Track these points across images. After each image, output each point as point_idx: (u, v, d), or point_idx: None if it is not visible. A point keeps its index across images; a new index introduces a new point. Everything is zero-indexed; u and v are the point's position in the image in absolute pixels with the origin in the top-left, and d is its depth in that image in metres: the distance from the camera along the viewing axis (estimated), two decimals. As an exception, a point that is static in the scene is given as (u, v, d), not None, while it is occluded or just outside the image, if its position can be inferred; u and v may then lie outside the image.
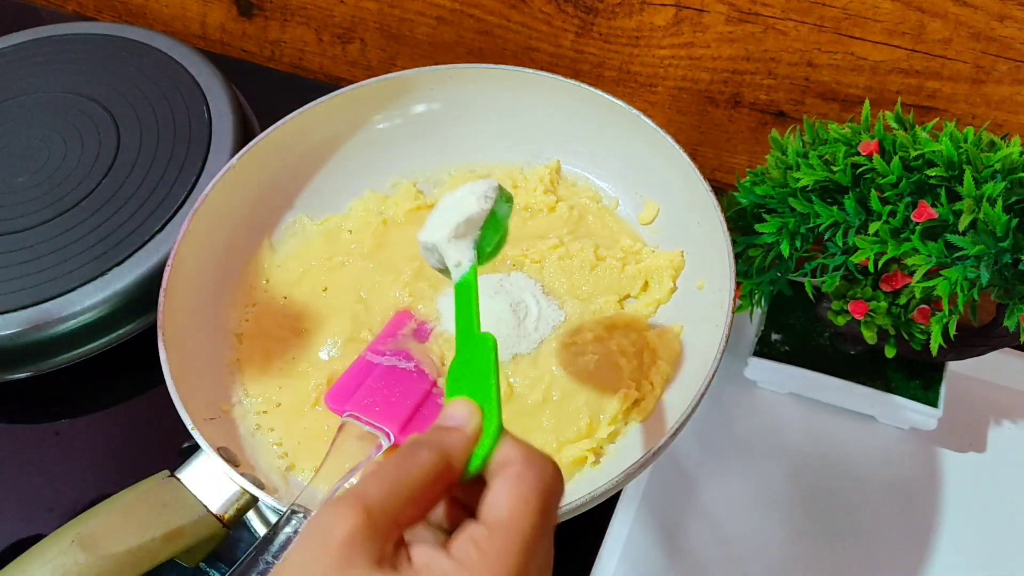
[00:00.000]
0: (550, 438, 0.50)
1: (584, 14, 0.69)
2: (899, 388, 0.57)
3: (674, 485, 0.58)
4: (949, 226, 0.47)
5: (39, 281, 0.61)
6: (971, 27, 0.58)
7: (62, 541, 0.44)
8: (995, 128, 0.62)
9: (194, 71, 0.74)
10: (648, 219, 0.59)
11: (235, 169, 0.57)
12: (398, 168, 0.63)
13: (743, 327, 0.61)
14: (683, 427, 0.44)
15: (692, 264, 0.56)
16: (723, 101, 0.70)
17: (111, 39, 0.78)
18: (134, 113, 0.71)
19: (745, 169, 0.56)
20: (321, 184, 0.62)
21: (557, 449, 0.50)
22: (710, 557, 0.55)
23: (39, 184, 0.67)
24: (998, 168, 0.46)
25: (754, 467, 0.59)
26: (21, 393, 0.63)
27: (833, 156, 0.50)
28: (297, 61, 0.86)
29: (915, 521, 0.57)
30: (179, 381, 0.48)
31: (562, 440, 0.50)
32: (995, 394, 0.61)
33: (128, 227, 0.63)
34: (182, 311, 0.52)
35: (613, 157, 0.61)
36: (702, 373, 0.46)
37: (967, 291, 0.46)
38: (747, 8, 0.63)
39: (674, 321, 0.55)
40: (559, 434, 0.50)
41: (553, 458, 0.31)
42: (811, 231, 0.51)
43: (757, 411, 0.61)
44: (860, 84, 0.64)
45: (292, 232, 0.61)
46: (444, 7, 0.74)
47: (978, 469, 0.59)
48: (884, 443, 0.59)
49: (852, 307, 0.51)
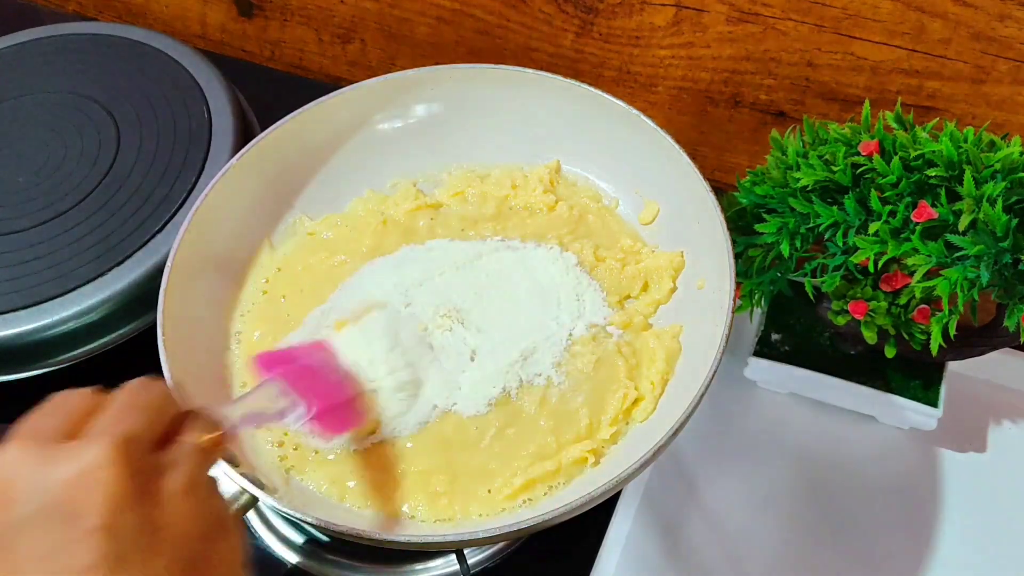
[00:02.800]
0: (550, 439, 0.50)
1: (584, 14, 0.69)
2: (899, 388, 0.57)
3: (674, 485, 0.58)
4: (949, 226, 0.47)
5: (39, 281, 0.61)
6: (971, 27, 0.58)
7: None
8: (995, 128, 0.62)
9: (194, 71, 0.74)
10: (648, 219, 0.59)
11: (235, 169, 0.57)
12: (398, 168, 0.63)
13: (743, 327, 0.61)
14: (683, 427, 0.44)
15: (692, 264, 0.56)
16: (723, 101, 0.70)
17: (111, 39, 0.78)
18: (134, 113, 0.71)
19: (745, 169, 0.56)
20: (321, 184, 0.62)
21: (556, 451, 0.50)
22: (710, 556, 0.55)
23: (39, 184, 0.67)
24: (998, 168, 0.46)
25: (754, 467, 0.59)
26: (21, 393, 0.63)
27: (833, 156, 0.50)
28: (297, 61, 0.86)
29: (915, 521, 0.56)
30: (179, 381, 0.48)
31: (562, 441, 0.50)
32: (995, 394, 0.61)
33: (128, 227, 0.63)
34: (182, 311, 0.52)
35: (613, 157, 0.61)
36: (702, 373, 0.46)
37: (967, 291, 0.46)
38: (747, 8, 0.63)
39: (674, 321, 0.55)
40: (559, 435, 0.50)
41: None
42: (811, 231, 0.51)
43: (757, 411, 0.61)
44: (860, 84, 0.64)
45: (292, 232, 0.61)
46: (444, 7, 0.74)
47: (978, 469, 0.59)
48: (884, 443, 0.59)
49: (852, 307, 0.51)
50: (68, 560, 0.27)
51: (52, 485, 0.28)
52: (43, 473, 0.29)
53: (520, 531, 0.44)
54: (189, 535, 0.30)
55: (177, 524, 0.30)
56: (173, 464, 0.31)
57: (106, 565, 0.27)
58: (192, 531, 0.30)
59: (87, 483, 0.28)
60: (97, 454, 0.29)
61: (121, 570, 0.28)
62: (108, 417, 0.31)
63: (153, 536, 0.29)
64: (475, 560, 0.56)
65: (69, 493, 0.28)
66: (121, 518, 0.28)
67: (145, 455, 0.31)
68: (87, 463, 0.29)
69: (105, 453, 0.29)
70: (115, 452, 0.29)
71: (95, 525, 0.28)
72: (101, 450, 0.29)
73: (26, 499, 0.28)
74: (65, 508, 0.28)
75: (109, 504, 0.28)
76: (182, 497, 0.30)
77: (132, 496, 0.29)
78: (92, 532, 0.28)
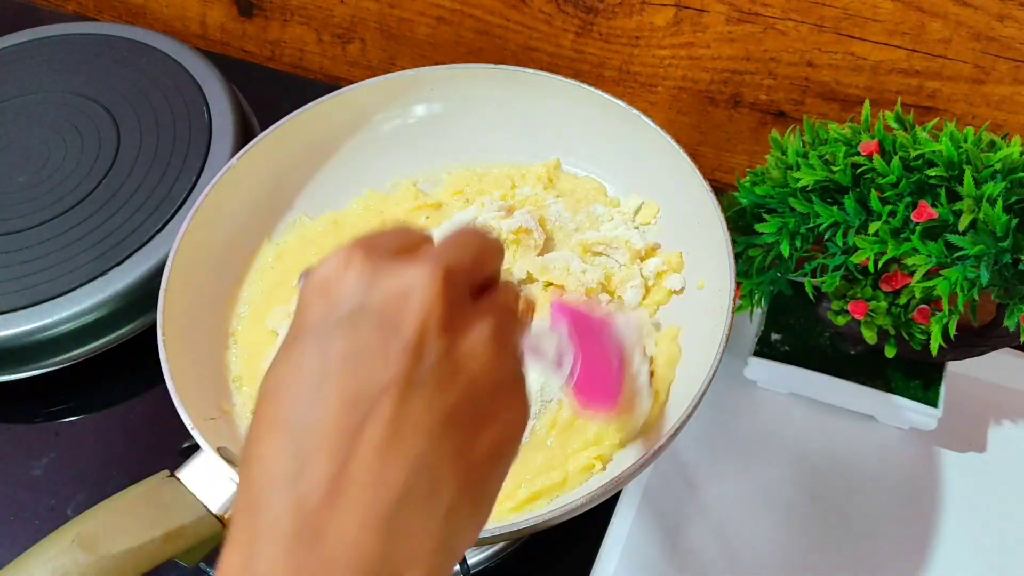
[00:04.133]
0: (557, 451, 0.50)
1: (584, 14, 0.69)
2: (899, 388, 0.57)
3: (674, 485, 0.58)
4: (949, 226, 0.47)
5: (39, 281, 0.61)
6: (971, 27, 0.58)
7: (62, 541, 0.44)
8: (995, 128, 0.62)
9: (194, 71, 0.74)
10: (648, 219, 0.59)
11: (235, 169, 0.57)
12: (398, 168, 0.63)
13: (743, 327, 0.61)
14: (683, 427, 0.44)
15: (692, 264, 0.56)
16: (723, 101, 0.70)
17: (111, 39, 0.78)
18: (134, 113, 0.71)
19: (745, 169, 0.56)
20: (321, 184, 0.62)
21: (564, 460, 0.49)
22: (710, 556, 0.55)
23: (39, 184, 0.67)
24: (998, 168, 0.46)
25: (754, 467, 0.59)
26: (21, 393, 0.63)
27: (833, 156, 0.50)
28: (297, 61, 0.86)
29: (915, 521, 0.56)
30: (179, 381, 0.48)
31: (567, 451, 0.50)
32: (995, 394, 0.61)
33: (128, 227, 0.63)
34: (182, 311, 0.52)
35: (613, 157, 0.61)
36: (702, 373, 0.46)
37: (967, 291, 0.46)
38: (747, 8, 0.63)
39: (674, 322, 0.55)
40: (564, 447, 0.50)
41: None
42: (811, 231, 0.51)
43: (757, 411, 0.61)
44: (860, 84, 0.64)
45: (292, 232, 0.61)
46: (444, 7, 0.74)
47: (978, 469, 0.59)
48: (884, 443, 0.59)
49: (852, 307, 0.51)
50: (370, 367, 0.28)
51: (376, 293, 0.29)
52: (370, 279, 0.29)
53: (520, 531, 0.44)
54: (481, 383, 0.30)
55: (474, 369, 0.30)
56: (485, 312, 0.31)
57: (403, 383, 0.28)
58: (485, 381, 0.30)
59: (408, 299, 0.29)
60: (423, 274, 0.29)
61: (412, 393, 0.28)
62: (441, 247, 0.32)
63: (451, 371, 0.29)
64: (475, 560, 0.56)
65: (389, 304, 0.29)
66: (429, 342, 0.29)
67: (465, 292, 0.31)
68: (412, 281, 0.29)
69: (431, 276, 0.29)
70: (440, 278, 0.29)
71: (405, 341, 0.28)
72: (427, 272, 0.29)
73: (351, 300, 0.29)
74: (382, 317, 0.29)
75: (423, 325, 0.29)
76: (485, 345, 0.30)
77: (444, 324, 0.29)
78: (401, 347, 0.28)
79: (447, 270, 0.30)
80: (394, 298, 0.29)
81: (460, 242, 0.33)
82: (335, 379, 0.28)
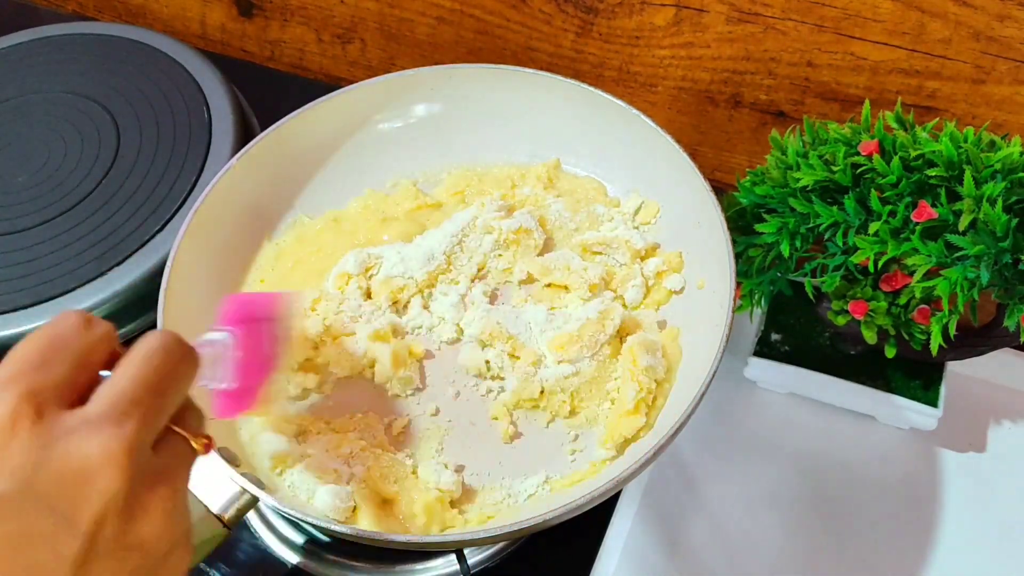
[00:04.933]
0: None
1: (584, 14, 0.69)
2: (899, 388, 0.57)
3: (674, 485, 0.58)
4: (949, 226, 0.47)
5: (39, 281, 0.61)
6: (971, 27, 0.58)
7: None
8: (995, 128, 0.62)
9: (194, 71, 0.74)
10: (648, 219, 0.59)
11: (235, 169, 0.57)
12: (398, 168, 0.63)
13: (743, 327, 0.61)
14: (683, 427, 0.44)
15: (692, 264, 0.56)
16: (723, 101, 0.70)
17: (111, 39, 0.78)
18: (134, 113, 0.71)
19: (745, 169, 0.56)
20: (321, 184, 0.62)
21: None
22: (710, 556, 0.55)
23: (39, 184, 0.67)
24: (998, 168, 0.46)
25: (754, 467, 0.59)
26: (21, 393, 0.63)
27: (833, 156, 0.50)
28: (297, 61, 0.86)
29: (915, 521, 0.56)
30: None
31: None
32: (995, 394, 0.61)
33: (128, 227, 0.63)
34: (182, 311, 0.52)
35: (613, 157, 0.61)
36: (702, 373, 0.46)
37: (967, 291, 0.46)
38: (747, 8, 0.63)
39: (674, 322, 0.55)
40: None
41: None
42: (811, 231, 0.51)
43: (757, 411, 0.61)
44: (860, 84, 0.64)
45: (292, 231, 0.61)
46: (444, 7, 0.74)
47: (978, 469, 0.59)
48: (884, 443, 0.59)
49: (852, 307, 0.51)
50: (35, 553, 0.26)
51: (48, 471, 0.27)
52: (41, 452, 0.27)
53: (520, 531, 0.44)
54: (156, 552, 0.29)
55: (150, 541, 0.29)
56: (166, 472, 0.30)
57: (71, 570, 0.26)
58: (160, 549, 0.29)
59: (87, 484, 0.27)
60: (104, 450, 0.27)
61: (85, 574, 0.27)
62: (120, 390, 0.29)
63: (125, 550, 0.28)
64: (475, 560, 0.56)
65: (65, 487, 0.27)
66: (104, 529, 0.27)
67: (149, 458, 0.29)
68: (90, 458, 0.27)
69: (112, 454, 0.27)
70: (123, 455, 0.27)
71: (81, 529, 0.27)
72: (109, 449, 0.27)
73: (18, 475, 0.27)
74: (52, 500, 0.27)
75: (99, 514, 0.27)
76: (163, 516, 0.29)
77: (123, 509, 0.28)
78: (71, 534, 0.26)
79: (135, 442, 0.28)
80: (71, 482, 0.27)
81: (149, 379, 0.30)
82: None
